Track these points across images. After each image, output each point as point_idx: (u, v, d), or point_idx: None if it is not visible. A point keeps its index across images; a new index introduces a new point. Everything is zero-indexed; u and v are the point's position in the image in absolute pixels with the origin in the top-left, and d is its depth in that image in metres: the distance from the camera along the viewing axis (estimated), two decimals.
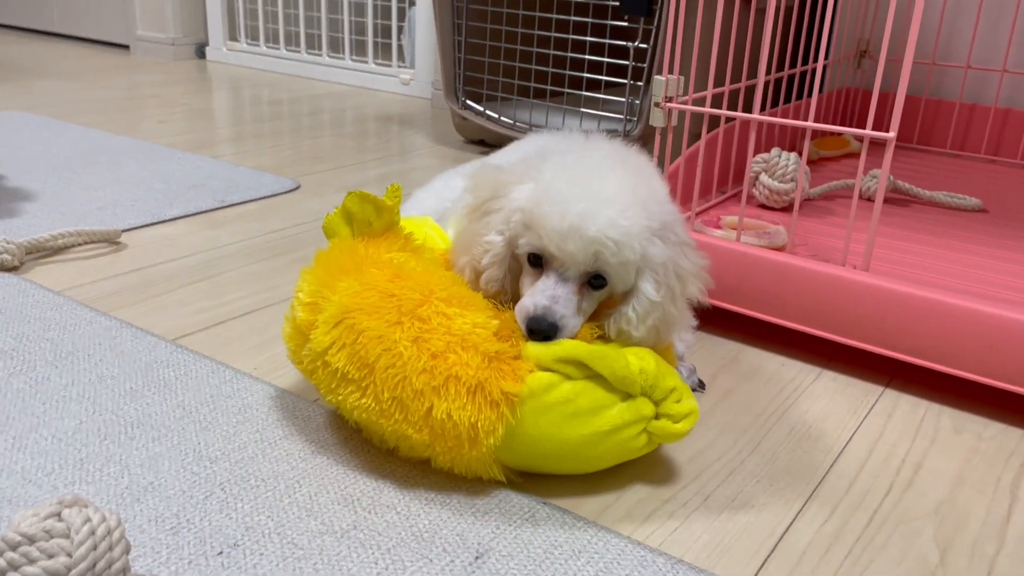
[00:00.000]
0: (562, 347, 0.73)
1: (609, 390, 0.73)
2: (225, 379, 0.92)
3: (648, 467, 0.81)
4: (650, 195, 0.80)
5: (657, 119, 1.14)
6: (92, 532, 0.56)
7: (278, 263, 1.28)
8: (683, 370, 0.93)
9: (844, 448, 0.86)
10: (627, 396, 0.74)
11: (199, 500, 0.72)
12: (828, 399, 0.96)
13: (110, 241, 1.32)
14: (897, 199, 1.47)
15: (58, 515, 0.57)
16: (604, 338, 0.79)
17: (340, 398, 0.75)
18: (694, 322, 0.93)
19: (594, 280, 0.78)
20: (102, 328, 1.02)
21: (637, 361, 0.74)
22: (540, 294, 0.76)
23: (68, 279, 1.18)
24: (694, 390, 0.93)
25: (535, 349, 0.74)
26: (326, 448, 0.81)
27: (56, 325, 1.03)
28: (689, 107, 1.15)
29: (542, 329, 0.75)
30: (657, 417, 0.75)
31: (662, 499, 0.76)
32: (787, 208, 1.35)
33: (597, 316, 0.80)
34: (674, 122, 1.15)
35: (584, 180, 0.77)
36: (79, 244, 1.30)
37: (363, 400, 0.73)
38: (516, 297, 0.80)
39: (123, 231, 1.36)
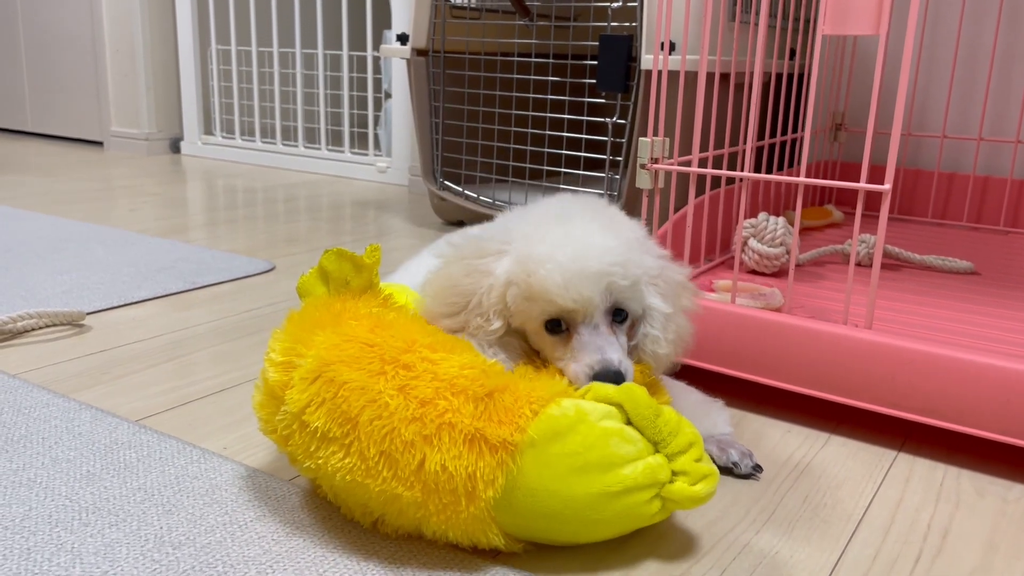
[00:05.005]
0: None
1: (621, 446, 0.67)
2: (192, 459, 0.85)
3: (658, 538, 0.74)
4: (616, 219, 0.82)
5: (643, 181, 1.11)
6: None
7: (251, 341, 1.21)
8: (734, 453, 0.86)
9: (864, 515, 0.80)
10: (640, 456, 0.67)
11: None
12: (840, 464, 0.90)
13: (73, 323, 1.26)
14: (889, 263, 1.44)
15: None
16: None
17: (320, 461, 0.67)
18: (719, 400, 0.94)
19: (616, 316, 0.78)
20: (59, 410, 0.95)
21: (661, 407, 0.70)
22: (588, 354, 0.74)
23: (26, 362, 1.11)
24: (749, 475, 0.86)
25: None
26: (302, 529, 0.73)
27: (9, 408, 0.95)
28: (675, 167, 1.12)
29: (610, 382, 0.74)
30: (672, 480, 0.68)
31: None
32: (777, 273, 1.32)
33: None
34: (660, 184, 1.12)
35: (557, 228, 0.77)
36: (41, 327, 1.23)
37: (347, 460, 0.66)
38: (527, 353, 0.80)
39: (88, 313, 1.30)
